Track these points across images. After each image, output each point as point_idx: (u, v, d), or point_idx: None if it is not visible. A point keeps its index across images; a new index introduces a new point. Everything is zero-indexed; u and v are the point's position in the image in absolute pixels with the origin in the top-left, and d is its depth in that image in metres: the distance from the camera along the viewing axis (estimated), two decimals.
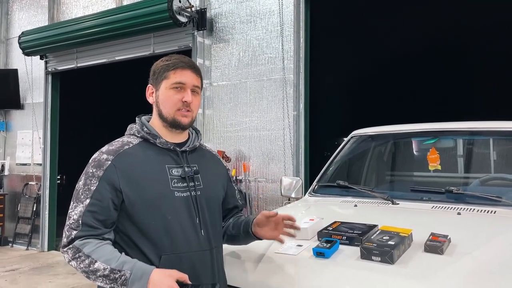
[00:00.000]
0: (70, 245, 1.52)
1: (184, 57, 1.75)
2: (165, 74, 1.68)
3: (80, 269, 1.51)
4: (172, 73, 1.67)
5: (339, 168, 3.21)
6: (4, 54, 8.00)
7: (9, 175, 7.79)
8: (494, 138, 2.92)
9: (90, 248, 1.50)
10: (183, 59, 1.72)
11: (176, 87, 1.67)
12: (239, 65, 5.31)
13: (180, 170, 1.67)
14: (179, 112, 1.67)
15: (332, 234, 1.97)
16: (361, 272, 1.70)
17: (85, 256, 1.49)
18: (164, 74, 1.68)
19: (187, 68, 1.69)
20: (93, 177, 1.57)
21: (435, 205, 2.47)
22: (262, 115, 5.11)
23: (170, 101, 1.67)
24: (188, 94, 1.67)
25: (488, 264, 1.70)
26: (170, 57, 1.73)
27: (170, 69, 1.68)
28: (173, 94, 1.67)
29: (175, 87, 1.67)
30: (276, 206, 4.76)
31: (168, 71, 1.68)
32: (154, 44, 5.98)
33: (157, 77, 1.71)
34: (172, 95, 1.67)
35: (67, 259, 1.54)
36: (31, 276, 5.71)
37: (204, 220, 1.68)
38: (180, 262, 1.59)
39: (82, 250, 1.49)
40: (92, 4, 6.91)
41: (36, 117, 7.35)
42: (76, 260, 1.50)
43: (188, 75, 1.68)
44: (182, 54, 1.78)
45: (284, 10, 5.00)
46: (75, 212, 1.55)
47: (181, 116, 1.68)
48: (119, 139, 1.71)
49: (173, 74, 1.67)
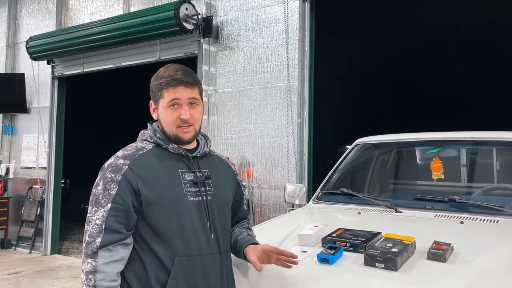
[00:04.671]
0: (94, 257, 1.53)
1: (177, 70, 1.70)
2: (160, 93, 1.69)
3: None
4: (165, 91, 1.67)
5: (343, 175, 3.23)
6: (11, 58, 8.07)
7: (14, 178, 7.83)
8: (497, 148, 2.94)
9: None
10: (174, 75, 1.67)
11: (172, 104, 1.67)
12: (244, 72, 5.36)
13: (192, 175, 1.70)
14: (179, 129, 1.69)
15: (336, 241, 1.99)
16: (365, 279, 1.72)
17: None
18: (159, 93, 1.69)
19: (178, 85, 1.66)
20: (112, 181, 1.59)
21: (438, 214, 2.49)
22: (266, 122, 5.15)
23: (169, 120, 1.69)
24: (185, 110, 1.67)
25: (491, 272, 1.72)
26: (164, 72, 1.70)
27: (163, 88, 1.67)
28: (170, 113, 1.68)
29: (171, 105, 1.67)
30: (279, 213, 4.78)
31: (162, 90, 1.68)
32: (160, 50, 6.04)
33: (155, 95, 1.72)
34: (169, 114, 1.68)
35: (86, 269, 1.54)
36: (34, 279, 5.73)
37: (215, 224, 1.71)
38: (192, 265, 1.62)
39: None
40: (99, 11, 6.99)
41: (42, 121, 7.40)
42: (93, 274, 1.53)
43: (182, 91, 1.67)
44: (180, 64, 1.75)
45: (289, 19, 5.05)
46: (96, 216, 1.57)
47: (182, 133, 1.70)
48: (132, 144, 1.74)
49: (166, 93, 1.67)
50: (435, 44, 9.33)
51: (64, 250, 7.57)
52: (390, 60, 9.73)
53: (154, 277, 1.59)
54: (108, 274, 1.53)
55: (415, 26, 8.40)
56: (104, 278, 1.52)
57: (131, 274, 1.60)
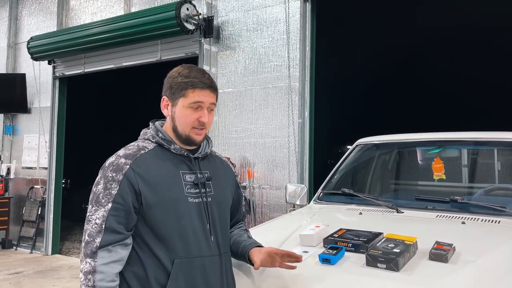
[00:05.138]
0: (93, 257, 1.53)
1: (204, 74, 1.70)
2: (184, 92, 1.66)
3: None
4: (191, 91, 1.65)
5: (344, 176, 3.23)
6: (13, 58, 8.08)
7: (15, 178, 7.84)
8: (498, 148, 2.94)
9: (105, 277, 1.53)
10: (202, 78, 1.67)
11: (194, 106, 1.66)
12: (245, 73, 5.36)
13: (193, 176, 1.70)
14: (193, 130, 1.69)
15: (338, 241, 1.99)
16: (367, 279, 1.72)
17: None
18: (182, 92, 1.66)
19: (206, 88, 1.66)
20: (113, 181, 1.59)
21: (440, 214, 2.49)
22: (267, 122, 5.15)
23: (187, 120, 1.67)
24: (205, 114, 1.67)
25: (492, 273, 1.72)
26: (189, 72, 1.68)
27: (188, 87, 1.65)
28: (190, 113, 1.67)
29: (192, 107, 1.66)
30: (280, 213, 4.77)
31: (187, 89, 1.66)
32: (161, 50, 6.04)
33: (174, 92, 1.68)
34: (189, 114, 1.67)
35: (85, 269, 1.53)
36: (35, 279, 5.74)
37: (214, 226, 1.71)
38: (192, 267, 1.62)
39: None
40: (100, 11, 7.00)
41: (43, 122, 7.41)
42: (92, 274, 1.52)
43: (207, 94, 1.67)
44: (195, 65, 1.76)
45: (290, 19, 5.05)
46: (96, 216, 1.56)
47: (195, 135, 1.70)
48: (134, 143, 1.73)
49: (191, 93, 1.65)
50: (436, 44, 9.33)
51: (65, 250, 7.57)
52: (391, 60, 9.74)
53: (154, 278, 1.58)
54: (107, 275, 1.52)
55: (416, 26, 8.40)
56: (103, 278, 1.51)
57: (131, 275, 1.60)
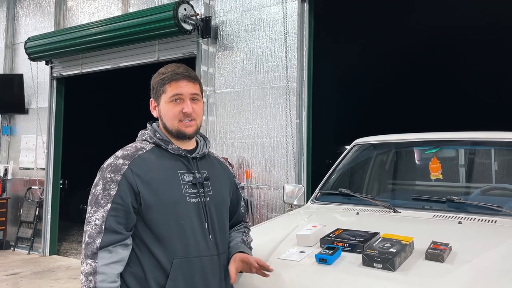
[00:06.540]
0: (94, 258, 1.52)
1: (179, 66, 1.74)
2: (162, 88, 1.70)
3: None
4: (168, 86, 1.69)
5: (342, 176, 3.23)
6: (10, 59, 8.06)
7: (12, 179, 7.82)
8: (495, 148, 2.95)
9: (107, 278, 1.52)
10: (177, 70, 1.71)
11: (174, 99, 1.68)
12: (243, 73, 5.36)
13: (191, 176, 1.70)
14: (182, 123, 1.70)
15: (335, 241, 1.99)
16: (363, 279, 1.73)
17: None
18: (161, 89, 1.70)
19: (181, 79, 1.69)
20: (112, 182, 1.59)
21: (436, 214, 2.50)
22: (265, 123, 5.15)
23: (171, 114, 1.69)
24: (187, 104, 1.69)
25: (488, 272, 1.73)
26: (166, 68, 1.73)
27: (165, 83, 1.69)
28: (172, 107, 1.69)
29: (173, 100, 1.68)
30: (278, 213, 4.78)
31: (164, 85, 1.69)
32: (159, 51, 6.04)
33: (156, 91, 1.73)
34: (171, 108, 1.69)
35: (86, 271, 1.53)
36: (33, 280, 5.73)
37: (213, 226, 1.72)
38: (191, 267, 1.62)
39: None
40: (98, 11, 6.99)
41: (41, 122, 7.40)
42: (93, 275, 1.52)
43: (184, 85, 1.69)
44: (180, 63, 1.78)
45: (288, 19, 5.06)
46: (96, 216, 1.56)
47: (185, 127, 1.70)
48: (132, 144, 1.74)
49: (169, 87, 1.69)
50: (434, 44, 9.35)
51: (62, 251, 7.56)
52: (389, 60, 9.75)
53: (152, 278, 1.59)
54: (108, 276, 1.52)
55: (414, 26, 8.41)
56: (104, 279, 1.51)
57: (130, 275, 1.60)
